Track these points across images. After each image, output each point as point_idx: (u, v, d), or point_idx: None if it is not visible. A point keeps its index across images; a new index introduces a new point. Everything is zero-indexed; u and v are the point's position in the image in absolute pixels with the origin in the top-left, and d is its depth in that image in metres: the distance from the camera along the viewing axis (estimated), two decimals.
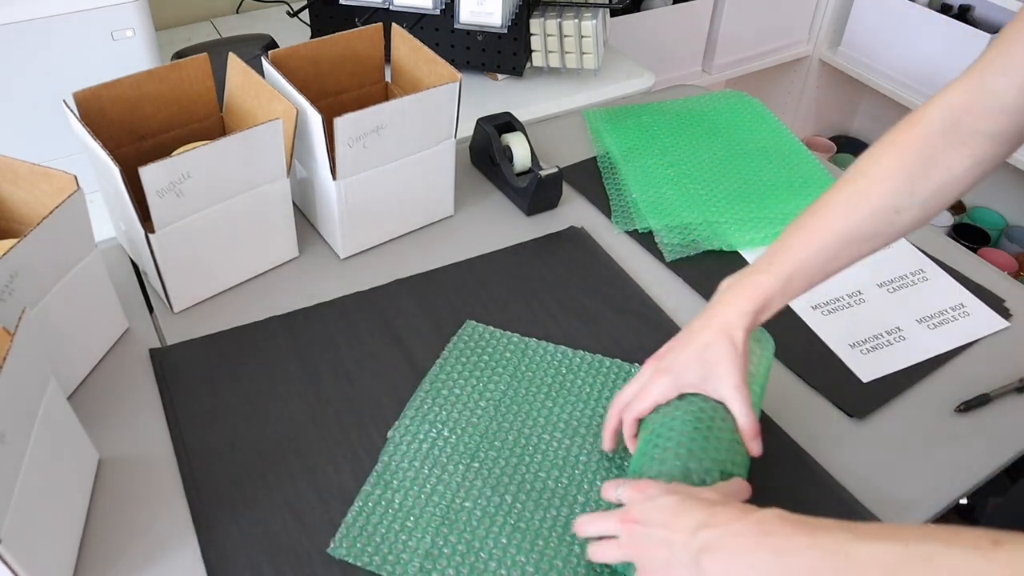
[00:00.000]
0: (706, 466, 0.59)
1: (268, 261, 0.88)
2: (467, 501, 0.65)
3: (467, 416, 0.72)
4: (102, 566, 0.61)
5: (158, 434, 0.71)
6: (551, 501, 0.66)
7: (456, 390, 0.74)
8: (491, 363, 0.77)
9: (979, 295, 0.88)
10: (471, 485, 0.66)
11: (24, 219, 0.73)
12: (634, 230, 0.96)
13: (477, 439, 0.70)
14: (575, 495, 0.66)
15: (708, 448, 0.60)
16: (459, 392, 0.74)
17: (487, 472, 0.67)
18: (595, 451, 0.70)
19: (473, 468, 0.67)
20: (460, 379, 0.75)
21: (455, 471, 0.67)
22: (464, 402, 0.73)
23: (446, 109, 0.86)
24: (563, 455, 0.69)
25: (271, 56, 0.86)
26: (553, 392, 0.74)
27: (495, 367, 0.76)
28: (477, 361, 0.77)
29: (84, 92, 0.77)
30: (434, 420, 0.71)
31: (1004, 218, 2.01)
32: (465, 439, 0.70)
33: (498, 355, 0.77)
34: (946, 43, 1.76)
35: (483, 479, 0.67)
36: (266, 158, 0.79)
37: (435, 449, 0.69)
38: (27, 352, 0.56)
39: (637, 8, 1.73)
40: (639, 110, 1.16)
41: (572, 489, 0.67)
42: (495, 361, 0.77)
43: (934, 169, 0.62)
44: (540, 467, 0.68)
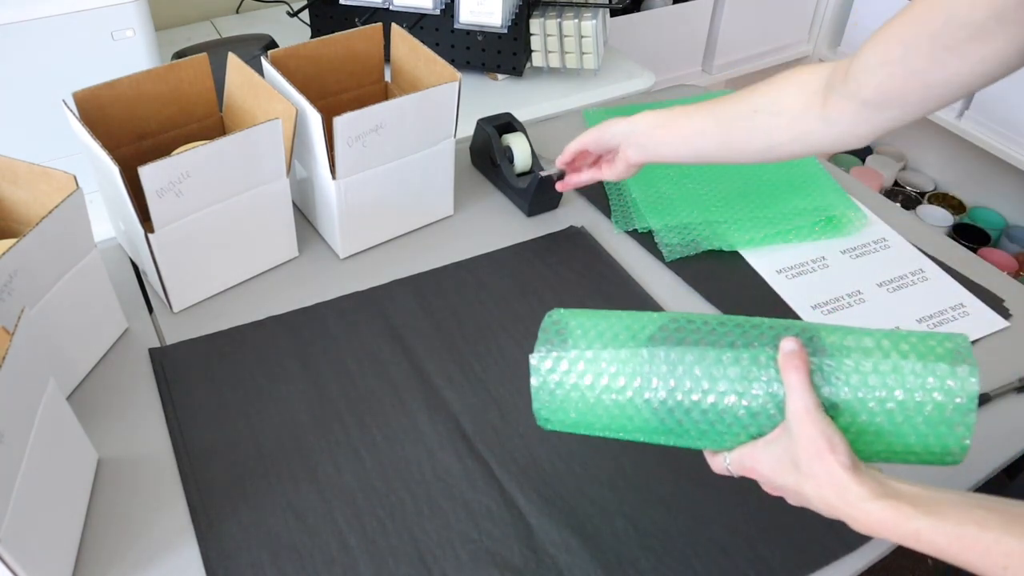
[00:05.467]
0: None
1: (268, 261, 0.88)
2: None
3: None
4: (102, 566, 0.61)
5: (158, 434, 0.71)
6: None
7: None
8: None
9: (979, 295, 0.88)
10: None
11: (24, 219, 0.73)
12: (634, 230, 0.96)
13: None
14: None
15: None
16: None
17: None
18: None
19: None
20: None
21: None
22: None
23: (446, 109, 0.86)
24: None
25: (271, 56, 0.85)
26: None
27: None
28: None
29: (84, 92, 0.77)
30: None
31: (1004, 218, 2.01)
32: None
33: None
34: None
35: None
36: (265, 158, 0.79)
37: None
38: (26, 352, 0.56)
39: (637, 8, 1.73)
40: (639, 110, 1.15)
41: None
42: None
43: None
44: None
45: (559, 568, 0.62)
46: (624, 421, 0.56)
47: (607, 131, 0.80)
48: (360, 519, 0.65)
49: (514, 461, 0.69)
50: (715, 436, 0.55)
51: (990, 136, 1.74)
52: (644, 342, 0.56)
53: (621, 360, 0.56)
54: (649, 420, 0.56)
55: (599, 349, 0.57)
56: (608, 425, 0.57)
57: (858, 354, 0.52)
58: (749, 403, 0.53)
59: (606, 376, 0.56)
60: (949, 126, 1.80)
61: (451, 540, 0.63)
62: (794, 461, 0.50)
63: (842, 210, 0.98)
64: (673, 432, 0.56)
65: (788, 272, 0.90)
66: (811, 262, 0.92)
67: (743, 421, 0.53)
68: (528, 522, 0.65)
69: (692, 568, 0.62)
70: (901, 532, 0.46)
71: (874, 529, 0.48)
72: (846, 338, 0.54)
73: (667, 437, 0.57)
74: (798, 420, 0.50)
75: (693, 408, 0.54)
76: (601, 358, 0.56)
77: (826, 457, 0.49)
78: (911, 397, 0.50)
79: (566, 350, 0.57)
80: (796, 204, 0.98)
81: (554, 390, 0.57)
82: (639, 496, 0.67)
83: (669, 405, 0.55)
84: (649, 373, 0.55)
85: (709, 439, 0.56)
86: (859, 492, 0.47)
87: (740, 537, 0.64)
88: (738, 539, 0.64)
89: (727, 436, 0.55)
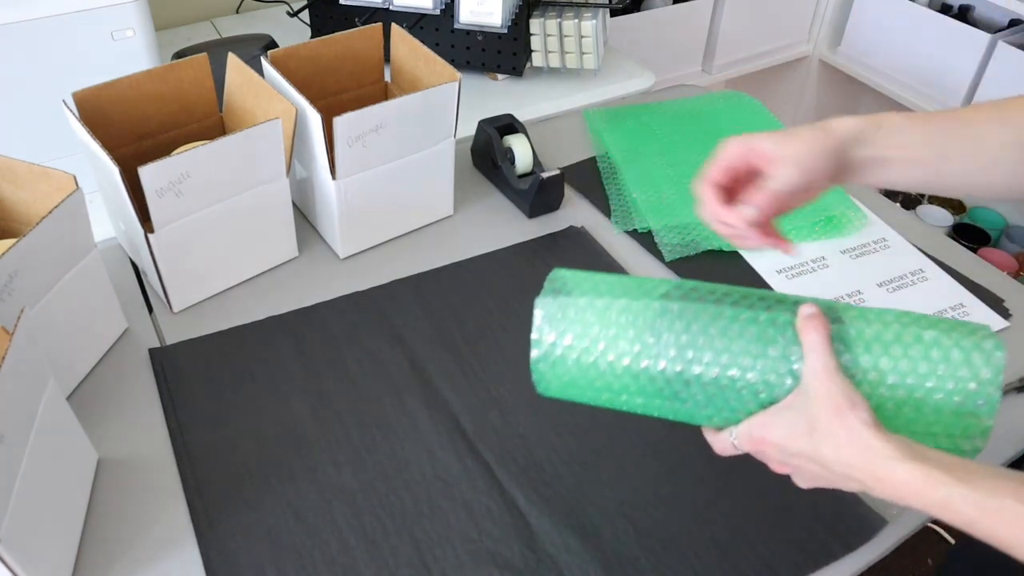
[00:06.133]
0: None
1: (268, 261, 0.88)
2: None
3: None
4: (102, 566, 0.61)
5: (157, 434, 0.71)
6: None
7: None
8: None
9: (979, 295, 0.88)
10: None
11: (23, 219, 0.73)
12: (634, 230, 0.96)
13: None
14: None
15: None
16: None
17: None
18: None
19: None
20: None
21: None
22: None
23: (446, 109, 0.86)
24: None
25: (271, 56, 0.85)
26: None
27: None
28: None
29: (84, 92, 0.77)
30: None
31: (1004, 218, 2.01)
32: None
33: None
34: (946, 43, 1.76)
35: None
36: (265, 158, 0.79)
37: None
38: (26, 352, 0.56)
39: (637, 8, 1.73)
40: (639, 110, 1.16)
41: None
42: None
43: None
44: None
45: (559, 568, 0.62)
46: (624, 384, 0.53)
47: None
48: (360, 519, 0.65)
49: (514, 461, 0.69)
50: (721, 404, 0.52)
51: None
52: (654, 299, 0.53)
53: (627, 316, 0.53)
54: (651, 384, 0.52)
55: (604, 304, 0.53)
56: (607, 386, 0.54)
57: (879, 324, 0.50)
58: (763, 368, 0.50)
59: (608, 331, 0.53)
60: None
61: (451, 540, 0.63)
62: (811, 423, 0.47)
63: (842, 210, 0.98)
64: (677, 397, 0.52)
65: (788, 272, 0.90)
66: (811, 262, 0.92)
67: (754, 387, 0.50)
68: (528, 522, 0.65)
69: (692, 568, 0.62)
70: (928, 499, 0.44)
71: (899, 492, 0.45)
72: (866, 313, 0.51)
73: (669, 404, 0.53)
74: (816, 378, 0.47)
75: (704, 373, 0.51)
76: (605, 314, 0.53)
77: (846, 414, 0.46)
78: (934, 371, 0.48)
79: (567, 303, 0.54)
80: None
81: (551, 347, 0.54)
82: (639, 496, 0.67)
83: (675, 369, 0.51)
84: (656, 332, 0.51)
85: (715, 407, 0.52)
86: (884, 450, 0.44)
87: (740, 537, 0.64)
88: (738, 539, 0.64)
89: (735, 405, 0.51)
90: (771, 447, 0.50)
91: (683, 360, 0.51)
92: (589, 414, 0.73)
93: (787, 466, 0.51)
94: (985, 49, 1.69)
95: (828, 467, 0.48)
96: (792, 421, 0.49)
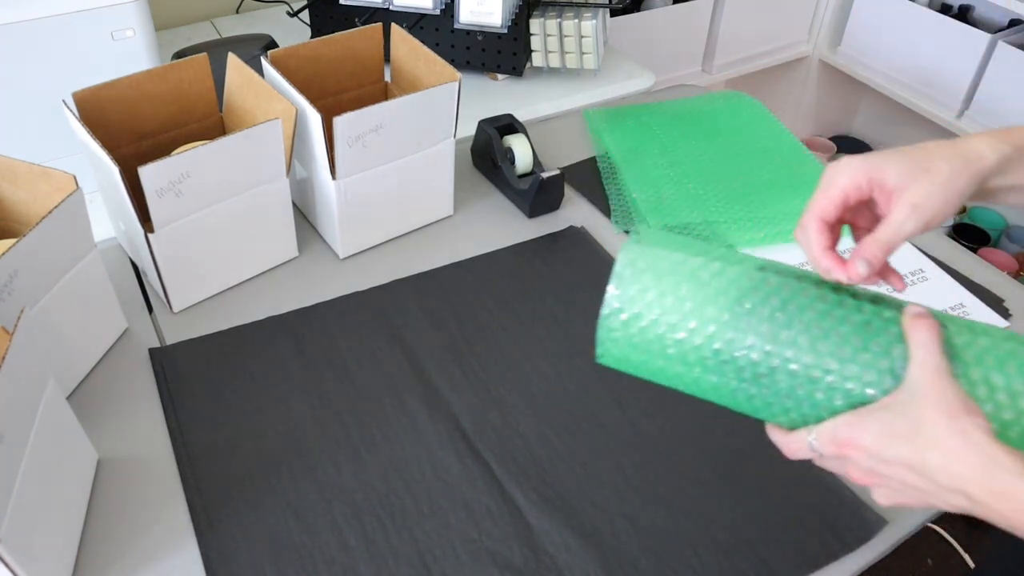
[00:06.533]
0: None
1: (268, 261, 0.88)
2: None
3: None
4: (102, 566, 0.61)
5: (158, 434, 0.71)
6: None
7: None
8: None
9: (979, 295, 0.88)
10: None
11: (23, 219, 0.73)
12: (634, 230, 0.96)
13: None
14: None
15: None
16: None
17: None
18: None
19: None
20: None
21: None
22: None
23: (446, 109, 0.86)
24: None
25: (271, 56, 0.85)
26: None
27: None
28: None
29: (84, 92, 0.77)
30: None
31: (1004, 218, 2.01)
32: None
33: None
34: (946, 43, 1.76)
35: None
36: (265, 158, 0.79)
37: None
38: (26, 352, 0.56)
39: (637, 8, 1.73)
40: (639, 110, 1.16)
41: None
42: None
43: None
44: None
45: (559, 568, 0.62)
46: (700, 357, 0.48)
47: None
48: (360, 519, 0.65)
49: (514, 461, 0.69)
50: (804, 396, 0.47)
51: None
52: (751, 268, 0.48)
53: (720, 280, 0.48)
54: (731, 363, 0.48)
55: (698, 263, 0.49)
56: (681, 357, 0.49)
57: (987, 338, 0.45)
58: (863, 362, 0.45)
59: (698, 294, 0.48)
60: (949, 126, 1.80)
61: (451, 540, 0.63)
62: (915, 427, 0.42)
63: None
64: (757, 381, 0.47)
65: None
66: None
67: (848, 382, 0.45)
68: (528, 522, 0.65)
69: (692, 568, 0.62)
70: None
71: (1019, 512, 0.40)
72: (972, 325, 0.47)
73: (745, 389, 0.48)
74: (926, 379, 0.43)
75: (795, 357, 0.46)
76: (697, 274, 0.48)
77: (962, 419, 0.41)
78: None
79: (660, 255, 0.49)
80: (796, 204, 0.98)
81: (630, 301, 0.49)
82: (639, 496, 0.67)
83: (764, 348, 0.46)
84: (750, 304, 0.47)
85: (795, 399, 0.47)
86: (1010, 464, 0.39)
87: (740, 537, 0.64)
88: (738, 539, 0.64)
89: (820, 400, 0.46)
90: (860, 451, 0.45)
91: (774, 340, 0.46)
92: (589, 414, 0.73)
93: (874, 475, 0.46)
94: (985, 49, 1.69)
95: (932, 478, 0.42)
96: (890, 423, 0.44)
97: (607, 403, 0.74)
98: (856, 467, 0.46)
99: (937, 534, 0.66)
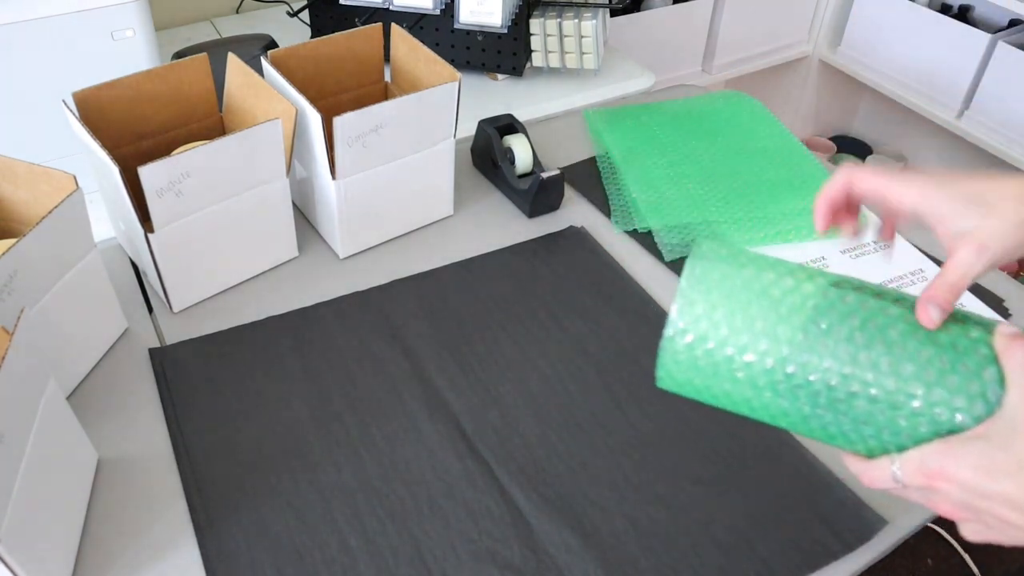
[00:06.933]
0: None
1: (268, 261, 0.88)
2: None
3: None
4: (102, 566, 0.61)
5: (158, 434, 0.71)
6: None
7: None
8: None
9: (978, 295, 0.88)
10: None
11: (24, 219, 0.73)
12: (634, 230, 0.96)
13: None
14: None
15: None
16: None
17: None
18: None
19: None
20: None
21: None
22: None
23: (446, 109, 0.86)
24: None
25: (271, 56, 0.85)
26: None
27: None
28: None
29: (84, 92, 0.77)
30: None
31: None
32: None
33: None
34: (946, 43, 1.76)
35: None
36: (265, 158, 0.79)
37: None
38: (26, 352, 0.56)
39: (637, 8, 1.73)
40: (639, 110, 1.16)
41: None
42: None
43: None
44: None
45: (559, 568, 0.62)
46: (772, 381, 0.46)
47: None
48: (360, 519, 0.65)
49: (514, 461, 0.69)
50: (885, 423, 0.44)
51: (990, 136, 1.74)
52: (825, 285, 0.46)
53: (794, 298, 0.46)
54: (806, 387, 0.45)
55: (770, 280, 0.46)
56: (750, 381, 0.47)
57: None
58: (951, 387, 0.42)
59: (770, 314, 0.45)
60: (949, 126, 1.81)
61: (451, 540, 0.63)
62: (1018, 461, 0.40)
63: None
64: (833, 407, 0.45)
65: None
66: (811, 262, 0.92)
67: (935, 408, 0.42)
68: (528, 522, 0.65)
69: (692, 568, 0.62)
70: None
71: None
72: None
73: (820, 415, 0.46)
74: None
75: (877, 380, 0.43)
76: (768, 292, 0.46)
77: None
78: None
79: (729, 272, 0.47)
80: (796, 204, 0.98)
81: (695, 322, 0.47)
82: (639, 496, 0.67)
83: (842, 371, 0.44)
84: (827, 324, 0.44)
85: (876, 426, 0.44)
86: None
87: (740, 537, 0.64)
88: (738, 539, 0.64)
89: (903, 427, 0.43)
90: (953, 484, 0.42)
91: (853, 362, 0.43)
92: (589, 414, 0.73)
93: (968, 509, 0.43)
94: (985, 49, 1.69)
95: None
96: (989, 455, 0.41)
97: (607, 403, 0.74)
98: (946, 500, 0.43)
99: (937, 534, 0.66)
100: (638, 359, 0.78)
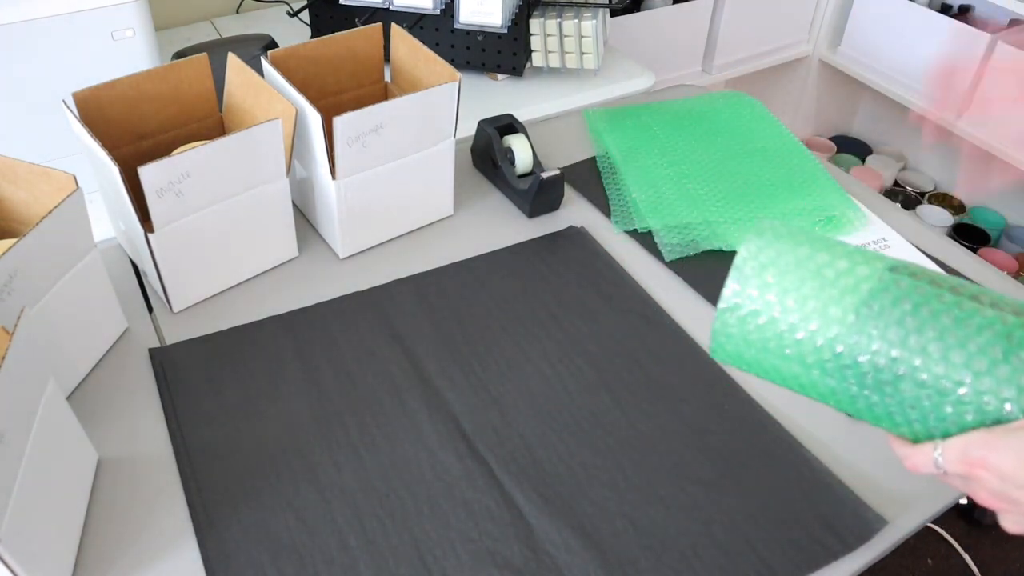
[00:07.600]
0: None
1: (268, 261, 0.88)
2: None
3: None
4: (102, 566, 0.61)
5: (158, 434, 0.71)
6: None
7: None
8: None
9: None
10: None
11: (24, 219, 0.73)
12: (634, 230, 0.96)
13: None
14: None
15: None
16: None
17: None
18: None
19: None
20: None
21: None
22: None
23: (446, 109, 0.86)
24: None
25: (271, 56, 0.86)
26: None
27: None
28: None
29: (83, 92, 0.77)
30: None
31: (1004, 218, 2.01)
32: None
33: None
34: (946, 43, 1.76)
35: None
36: (265, 158, 0.79)
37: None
38: (26, 352, 0.56)
39: (637, 8, 1.73)
40: (639, 110, 1.16)
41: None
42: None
43: None
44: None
45: (559, 568, 0.62)
46: (820, 359, 0.46)
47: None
48: (360, 519, 0.65)
49: (514, 461, 0.69)
50: (931, 409, 0.44)
51: (990, 136, 1.74)
52: (880, 268, 0.46)
53: (848, 279, 0.46)
54: (854, 367, 0.45)
55: (824, 260, 0.46)
56: (799, 357, 0.47)
57: None
58: (1001, 377, 0.41)
59: (823, 293, 0.46)
60: (949, 126, 1.81)
61: (451, 540, 0.63)
62: None
63: (842, 210, 0.98)
64: (880, 388, 0.45)
65: None
66: None
67: (982, 397, 0.42)
68: (528, 522, 0.65)
69: (692, 568, 0.62)
70: None
71: None
72: None
73: (866, 396, 0.46)
74: None
75: (924, 366, 0.43)
76: (822, 272, 0.46)
77: None
78: None
79: (784, 249, 0.48)
80: (796, 204, 0.98)
81: (750, 297, 0.48)
82: (639, 496, 0.67)
83: (891, 354, 0.44)
84: (879, 306, 0.44)
85: (921, 411, 0.44)
86: None
87: (740, 537, 0.64)
88: (738, 539, 0.64)
89: (949, 415, 0.43)
90: (993, 474, 0.42)
91: (902, 346, 0.43)
92: (589, 414, 0.73)
93: (1007, 500, 0.42)
94: (985, 49, 1.69)
95: None
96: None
97: (607, 403, 0.74)
98: (985, 489, 0.43)
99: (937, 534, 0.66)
100: (638, 359, 0.78)
